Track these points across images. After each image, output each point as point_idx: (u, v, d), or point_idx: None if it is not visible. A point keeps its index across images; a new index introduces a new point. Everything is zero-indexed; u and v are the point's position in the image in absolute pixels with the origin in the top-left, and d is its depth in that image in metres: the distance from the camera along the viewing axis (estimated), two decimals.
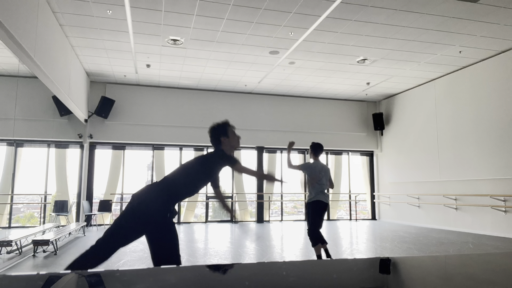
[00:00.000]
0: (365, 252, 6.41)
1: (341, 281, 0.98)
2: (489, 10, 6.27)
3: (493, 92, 8.41)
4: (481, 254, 1.29)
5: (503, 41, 7.58)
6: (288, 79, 10.32)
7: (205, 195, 11.49)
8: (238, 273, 1.02)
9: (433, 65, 9.03)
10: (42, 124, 9.87)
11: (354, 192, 12.70)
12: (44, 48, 6.01)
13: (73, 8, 6.28)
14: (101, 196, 10.75)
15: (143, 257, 5.71)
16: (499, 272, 1.07)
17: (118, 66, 9.28)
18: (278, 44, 7.82)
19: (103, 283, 0.91)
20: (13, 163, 9.73)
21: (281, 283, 0.92)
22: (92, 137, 10.37)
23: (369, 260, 1.50)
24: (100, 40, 7.64)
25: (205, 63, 9.04)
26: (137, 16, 6.56)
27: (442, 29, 7.03)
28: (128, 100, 10.73)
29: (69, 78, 7.90)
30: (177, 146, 11.40)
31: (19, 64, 6.03)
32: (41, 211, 10.40)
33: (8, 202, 9.81)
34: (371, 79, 10.19)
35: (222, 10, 6.35)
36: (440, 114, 9.94)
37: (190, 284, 0.88)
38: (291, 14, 6.49)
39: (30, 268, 5.12)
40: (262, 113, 11.67)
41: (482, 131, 8.64)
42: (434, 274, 1.07)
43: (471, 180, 8.89)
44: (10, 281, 0.86)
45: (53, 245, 6.07)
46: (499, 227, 8.18)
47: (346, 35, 7.37)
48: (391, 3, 6.08)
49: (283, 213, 12.18)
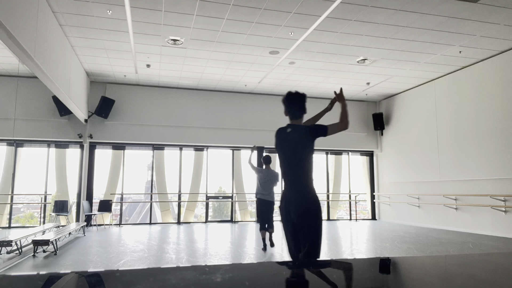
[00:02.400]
0: (365, 252, 6.41)
1: (341, 281, 0.98)
2: (489, 10, 6.27)
3: (493, 92, 8.41)
4: (481, 254, 1.29)
5: (503, 41, 7.58)
6: (288, 79, 10.32)
7: (205, 195, 11.49)
8: (238, 273, 1.02)
9: (433, 65, 9.03)
10: (42, 124, 9.87)
11: (354, 192, 12.70)
12: (44, 48, 6.01)
13: (73, 8, 6.28)
14: (101, 196, 10.75)
15: (143, 257, 5.71)
16: (499, 272, 1.07)
17: (118, 66, 9.28)
18: (278, 44, 7.82)
19: (103, 283, 0.91)
20: (13, 163, 9.74)
21: (281, 283, 0.92)
22: (92, 137, 10.37)
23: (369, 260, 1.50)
24: (100, 40, 7.64)
25: (205, 63, 9.04)
26: (137, 16, 6.56)
27: (442, 29, 7.03)
28: (128, 100, 10.73)
29: (69, 78, 7.90)
30: (177, 146, 11.40)
31: (19, 64, 6.03)
32: (41, 211, 10.40)
33: (8, 202, 9.81)
34: (371, 79, 10.19)
35: (222, 10, 6.36)
36: (440, 114, 9.94)
37: (190, 284, 0.88)
38: (291, 14, 6.49)
39: (30, 268, 5.12)
40: (262, 113, 11.67)
41: (482, 131, 8.64)
42: (434, 274, 1.07)
43: (471, 180, 8.89)
44: (10, 281, 0.86)
45: (53, 245, 6.07)
46: (499, 227, 8.18)
47: (346, 35, 7.37)
48: (391, 3, 6.08)
49: None
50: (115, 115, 10.52)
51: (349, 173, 12.85)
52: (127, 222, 11.39)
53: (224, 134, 11.38)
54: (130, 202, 12.42)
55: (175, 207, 11.53)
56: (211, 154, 11.75)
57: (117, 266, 5.19)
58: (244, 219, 11.72)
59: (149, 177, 11.41)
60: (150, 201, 11.26)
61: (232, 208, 11.65)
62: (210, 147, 11.60)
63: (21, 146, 10.00)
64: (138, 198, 12.32)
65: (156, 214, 11.39)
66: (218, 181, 12.11)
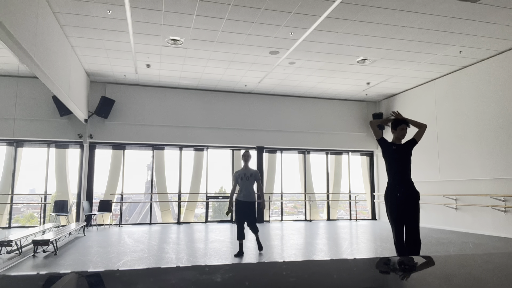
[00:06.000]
0: (365, 252, 6.41)
1: (341, 281, 0.98)
2: (489, 10, 6.27)
3: (493, 92, 8.41)
4: (481, 254, 1.29)
5: (503, 41, 7.58)
6: (288, 79, 10.32)
7: (205, 195, 11.50)
8: (238, 273, 1.02)
9: (433, 65, 9.03)
10: (42, 124, 9.88)
11: (354, 192, 12.70)
12: (44, 48, 6.01)
13: (73, 8, 6.28)
14: (101, 196, 10.75)
15: (143, 257, 5.71)
16: (499, 272, 1.07)
17: (118, 66, 9.28)
18: (278, 44, 7.82)
19: (103, 283, 0.91)
20: (13, 163, 9.74)
21: (281, 283, 0.92)
22: (92, 137, 10.37)
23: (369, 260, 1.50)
24: (100, 40, 7.64)
25: (205, 63, 9.04)
26: (137, 16, 6.56)
27: (442, 29, 7.03)
28: (128, 100, 10.73)
29: (69, 78, 7.90)
30: (177, 146, 11.40)
31: (19, 64, 6.03)
32: (41, 211, 10.41)
33: (8, 202, 9.82)
34: (371, 79, 10.19)
35: (222, 10, 6.36)
36: (440, 114, 9.95)
37: (190, 284, 0.88)
38: (291, 14, 6.49)
39: (30, 268, 5.12)
40: (262, 113, 11.67)
41: (482, 131, 8.64)
42: (434, 274, 1.07)
43: (471, 180, 8.89)
44: (10, 281, 0.86)
45: (53, 245, 6.07)
46: (499, 227, 8.18)
47: (346, 35, 7.37)
48: (391, 3, 6.08)
49: (283, 213, 12.18)
50: (115, 115, 10.52)
51: (349, 173, 12.85)
52: (127, 222, 11.39)
53: (224, 134, 11.38)
54: (130, 202, 12.43)
55: (175, 207, 11.53)
56: (211, 154, 11.75)
57: (117, 266, 5.19)
58: None
59: (149, 177, 11.41)
60: (150, 201, 11.26)
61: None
62: (210, 147, 11.60)
63: (21, 146, 10.01)
64: (138, 198, 12.33)
65: (156, 214, 11.39)
66: (218, 181, 12.12)
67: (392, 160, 4.24)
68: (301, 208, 12.63)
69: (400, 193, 4.11)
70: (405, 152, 4.24)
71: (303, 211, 12.34)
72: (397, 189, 4.13)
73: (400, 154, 4.22)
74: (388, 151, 4.29)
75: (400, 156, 4.22)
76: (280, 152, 12.22)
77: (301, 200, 12.60)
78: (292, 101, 11.91)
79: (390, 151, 4.27)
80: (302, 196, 12.40)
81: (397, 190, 4.12)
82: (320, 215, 12.49)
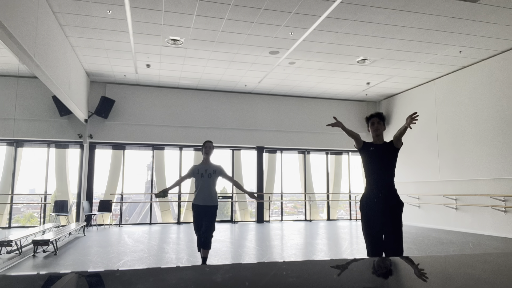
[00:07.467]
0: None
1: (341, 281, 0.98)
2: (489, 10, 6.27)
3: (493, 92, 8.41)
4: (481, 254, 1.29)
5: (503, 41, 7.58)
6: (288, 79, 10.32)
7: None
8: (238, 273, 1.02)
9: (433, 65, 9.03)
10: (42, 124, 9.87)
11: (354, 192, 12.70)
12: (44, 48, 6.01)
13: (73, 8, 6.28)
14: (101, 196, 10.75)
15: (143, 257, 5.71)
16: (499, 272, 1.07)
17: (118, 66, 9.28)
18: (278, 44, 7.82)
19: (103, 283, 0.91)
20: (13, 163, 9.74)
21: (281, 283, 0.92)
22: (92, 137, 10.37)
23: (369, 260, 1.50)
24: (100, 40, 7.64)
25: (205, 63, 9.04)
26: (137, 16, 6.56)
27: (442, 29, 7.03)
28: (128, 100, 10.73)
29: (69, 78, 7.90)
30: (177, 146, 11.40)
31: (19, 64, 6.03)
32: (41, 211, 10.41)
33: (8, 202, 9.82)
34: (371, 79, 10.19)
35: (222, 10, 6.35)
36: (440, 114, 9.95)
37: (190, 284, 0.88)
38: (291, 14, 6.49)
39: (30, 268, 5.12)
40: (262, 113, 11.67)
41: (482, 131, 8.64)
42: (434, 274, 1.07)
43: (471, 180, 8.89)
44: (10, 281, 0.86)
45: (53, 245, 6.07)
46: (499, 227, 8.18)
47: (346, 35, 7.37)
48: (391, 3, 6.08)
49: (283, 213, 12.18)
50: (115, 115, 10.51)
51: (349, 173, 12.85)
52: (127, 222, 11.39)
53: (224, 134, 11.38)
54: (130, 202, 12.42)
55: (175, 207, 11.53)
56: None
57: (117, 266, 5.18)
58: (244, 219, 11.72)
59: (149, 177, 11.41)
60: (150, 201, 11.26)
61: (232, 208, 11.65)
62: None
63: (21, 146, 10.01)
64: (138, 198, 12.32)
65: (156, 214, 11.39)
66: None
67: (370, 162, 3.61)
68: (301, 208, 12.63)
69: (378, 199, 3.43)
70: (386, 153, 3.57)
71: (303, 211, 12.34)
72: (374, 194, 3.47)
73: (379, 156, 3.56)
74: (365, 151, 3.67)
75: (379, 157, 3.56)
76: (280, 152, 12.22)
77: (301, 200, 12.61)
78: (292, 101, 11.91)
79: (367, 151, 3.64)
80: (302, 196, 12.40)
81: (374, 196, 3.46)
82: (320, 215, 12.49)
